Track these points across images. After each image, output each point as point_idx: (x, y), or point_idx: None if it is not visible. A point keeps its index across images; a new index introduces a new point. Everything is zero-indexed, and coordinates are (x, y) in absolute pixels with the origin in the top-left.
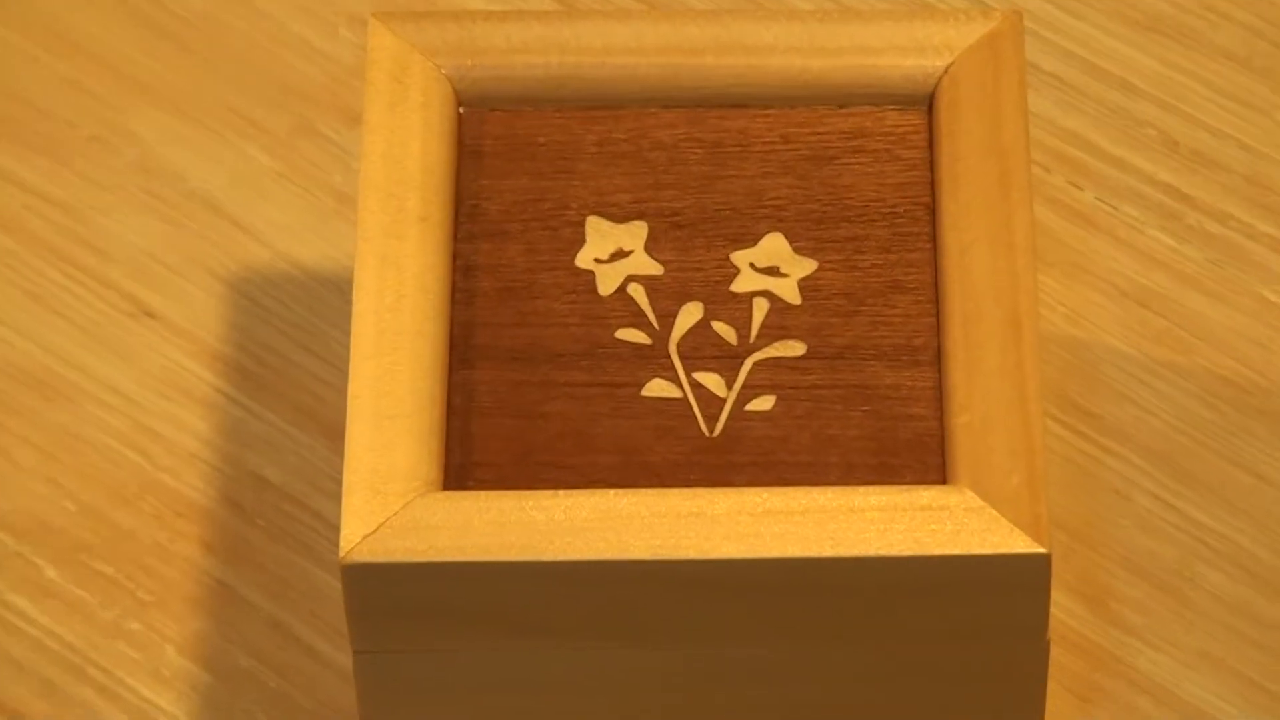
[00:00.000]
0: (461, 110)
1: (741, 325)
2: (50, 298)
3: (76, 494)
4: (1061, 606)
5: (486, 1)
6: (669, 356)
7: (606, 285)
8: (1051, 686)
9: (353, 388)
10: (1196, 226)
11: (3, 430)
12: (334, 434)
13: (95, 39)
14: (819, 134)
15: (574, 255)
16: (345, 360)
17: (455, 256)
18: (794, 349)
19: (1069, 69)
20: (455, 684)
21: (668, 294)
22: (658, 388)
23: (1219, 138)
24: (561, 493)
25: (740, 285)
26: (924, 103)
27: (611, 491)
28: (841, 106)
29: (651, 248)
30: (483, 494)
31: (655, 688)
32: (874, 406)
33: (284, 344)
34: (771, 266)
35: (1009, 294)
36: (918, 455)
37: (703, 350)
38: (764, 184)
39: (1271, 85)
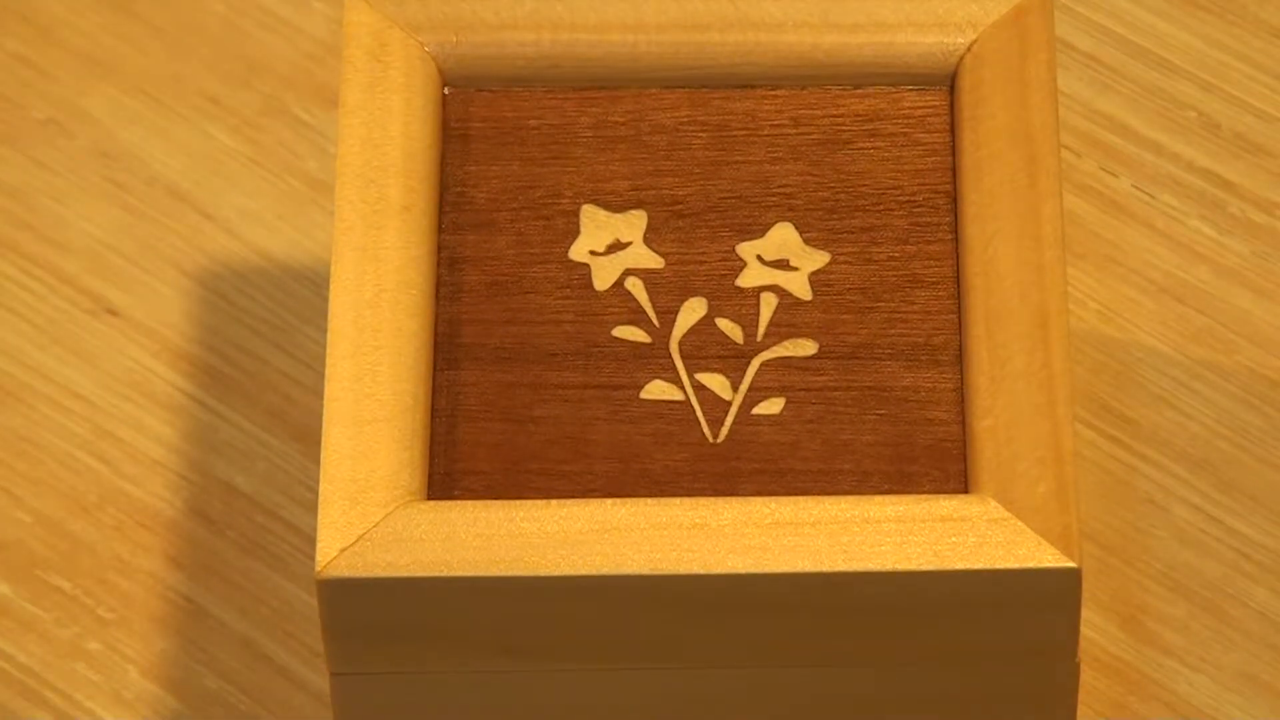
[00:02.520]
0: (446, 91)
1: (748, 323)
2: (2, 293)
3: (31, 504)
4: (1093, 625)
5: None
6: (670, 356)
7: (603, 279)
8: (1082, 711)
9: (329, 390)
10: (1240, 216)
11: None
12: (309, 439)
13: (47, 13)
14: (832, 116)
15: (568, 247)
16: (321, 360)
17: (440, 248)
18: (804, 348)
19: (1102, 46)
20: (440, 708)
21: (668, 289)
22: (658, 390)
23: (1265, 120)
24: (554, 503)
25: (747, 279)
26: (945, 83)
27: (608, 501)
28: (856, 87)
29: (651, 239)
30: (469, 504)
31: (652, 714)
32: (890, 410)
33: (255, 343)
34: (780, 259)
35: (1036, 289)
36: (937, 462)
37: (706, 350)
38: (772, 170)
39: None
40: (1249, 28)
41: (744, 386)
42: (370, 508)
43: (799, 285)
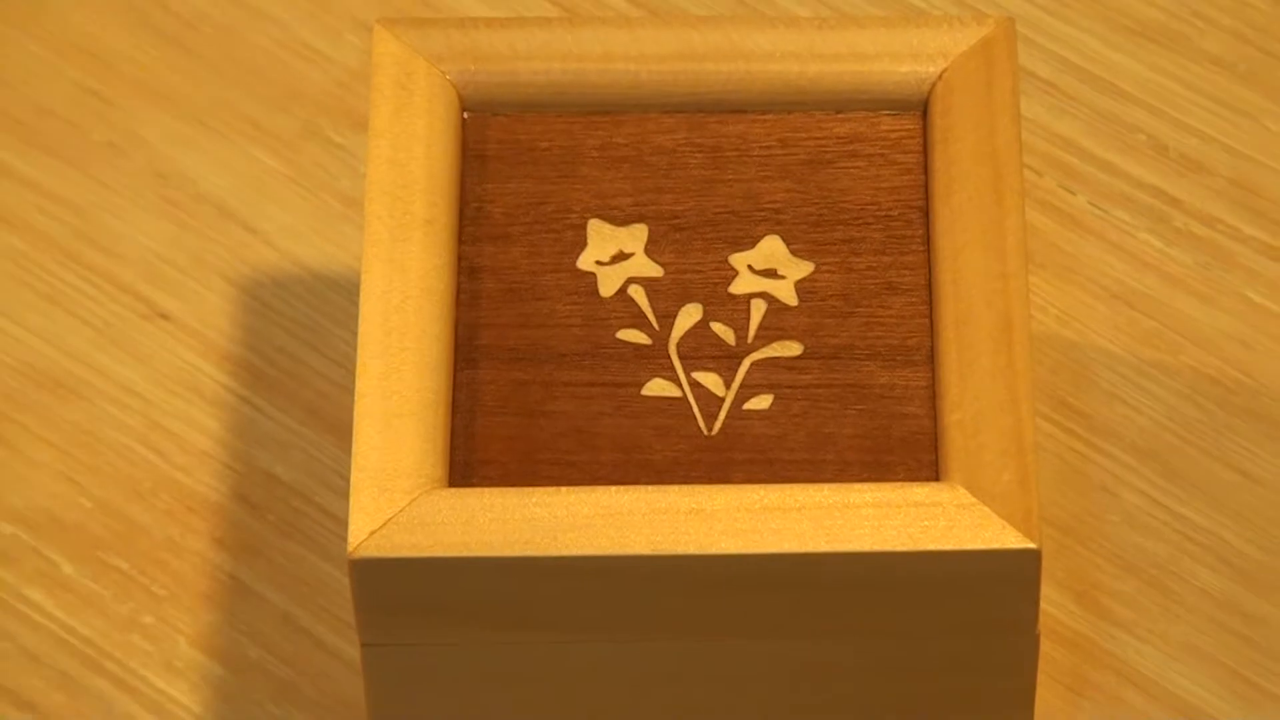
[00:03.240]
0: (465, 115)
1: (739, 326)
2: (65, 299)
3: (92, 491)
4: (1051, 601)
5: (490, 8)
6: (669, 357)
7: (608, 287)
8: (1041, 679)
9: (360, 387)
10: (1184, 230)
11: (20, 429)
12: (342, 432)
13: (108, 46)
14: (816, 139)
15: (576, 257)
16: (352, 360)
17: (460, 259)
18: (791, 349)
19: (1060, 75)
20: (460, 676)
21: (667, 295)
22: (658, 387)
23: (1207, 142)
24: (563, 490)
25: (738, 287)
26: (918, 108)
27: (612, 488)
28: (838, 112)
29: (652, 250)
30: (487, 491)
31: (655, 681)
32: (869, 405)
33: (293, 344)
34: (769, 269)
35: (1001, 296)
36: (911, 453)
37: (701, 350)
38: (762, 188)
39: (1257, 90)
40: (1192, 57)
41: (736, 384)
42: (397, 494)
43: (786, 292)
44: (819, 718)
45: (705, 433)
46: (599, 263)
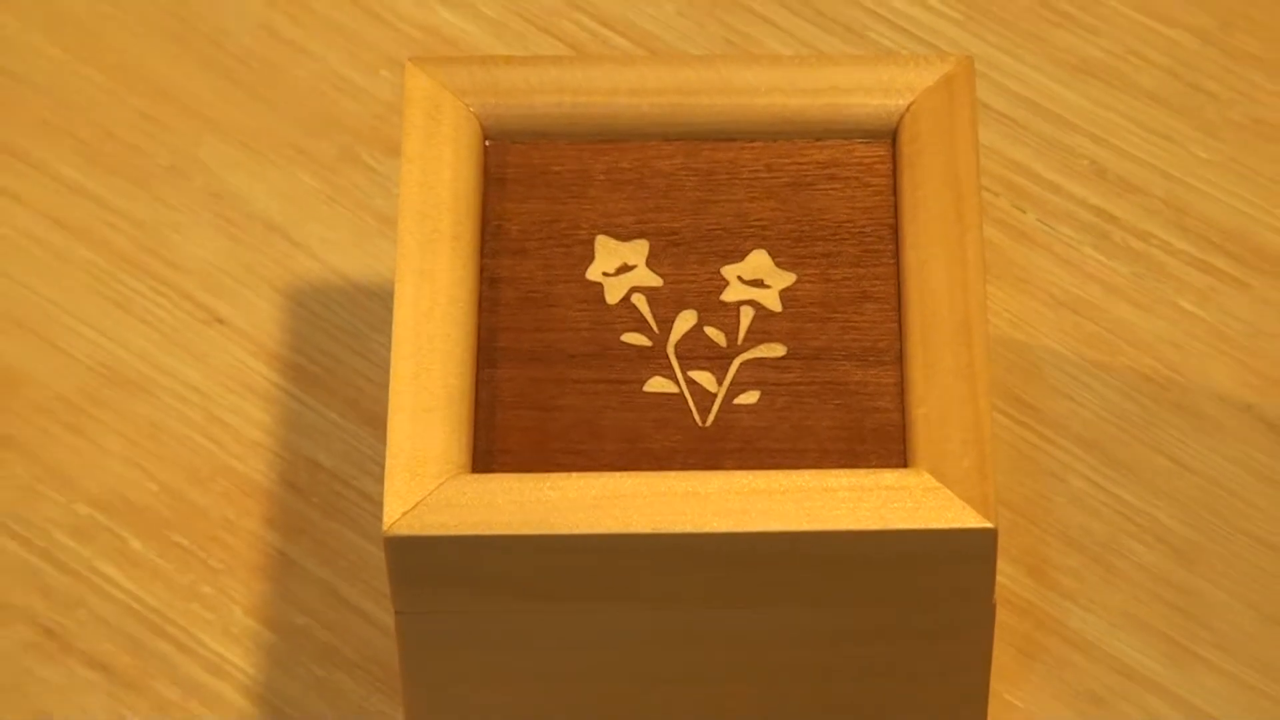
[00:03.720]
0: (487, 143)
1: (730, 330)
2: (133, 306)
3: (157, 476)
4: (1006, 574)
5: (508, 48)
6: (667, 357)
7: (613, 295)
8: (997, 643)
9: (393, 384)
10: (1122, 244)
11: (94, 422)
12: (377, 424)
13: (168, 79)
14: (797, 164)
15: (584, 269)
16: (387, 360)
17: (481, 270)
18: (775, 350)
19: (1013, 107)
20: (482, 640)
21: (666, 303)
22: (657, 384)
23: (1142, 166)
24: (573, 475)
25: (729, 295)
26: (888, 136)
27: (617, 474)
28: (817, 140)
29: (652, 263)
30: (505, 476)
31: (654, 643)
32: (844, 401)
33: (334, 346)
34: (756, 279)
35: (961, 303)
36: (882, 443)
37: (696, 352)
38: (750, 207)
39: (1187, 121)
40: (1130, 92)
41: (727, 382)
42: (426, 479)
43: (771, 300)
44: (800, 676)
45: (700, 425)
46: (605, 274)
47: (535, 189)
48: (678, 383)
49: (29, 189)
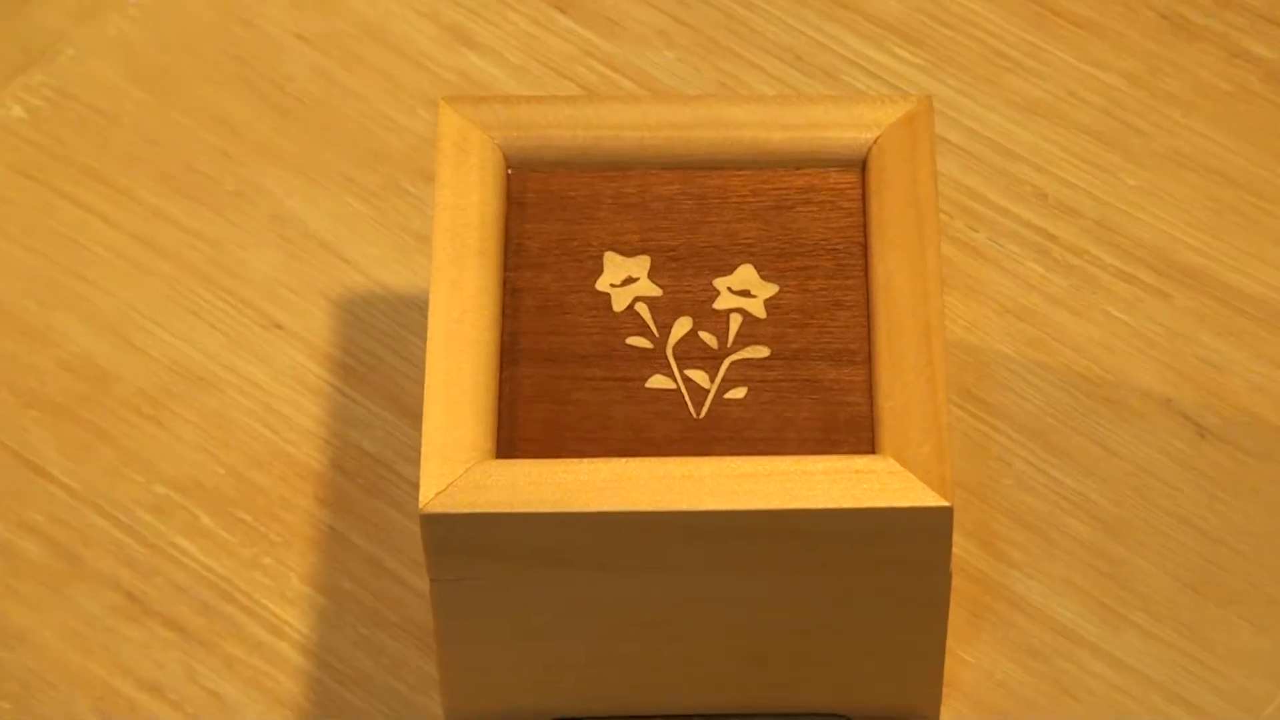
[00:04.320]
0: (509, 172)
1: (721, 334)
2: (205, 313)
3: (224, 461)
4: (959, 546)
5: (529, 89)
6: (666, 358)
7: (619, 304)
8: (952, 607)
9: (428, 381)
10: (1060, 260)
11: (171, 413)
12: (415, 415)
13: (236, 117)
14: (779, 189)
15: (594, 281)
16: (423, 360)
17: (504, 282)
18: (760, 352)
19: (967, 141)
20: (505, 603)
21: (665, 310)
22: (658, 381)
23: (1077, 191)
24: (585, 460)
25: (720, 304)
26: (858, 166)
27: (622, 459)
28: (796, 169)
29: (653, 275)
30: (525, 461)
31: (653, 606)
32: (821, 396)
33: (378, 348)
34: (744, 289)
35: (922, 310)
36: (853, 432)
37: (691, 353)
38: (738, 227)
39: (1117, 153)
40: (1068, 128)
41: (718, 379)
42: (457, 464)
43: (757, 308)
44: (782, 633)
45: (694, 417)
46: (612, 285)
47: (551, 211)
48: (675, 380)
49: (118, 212)
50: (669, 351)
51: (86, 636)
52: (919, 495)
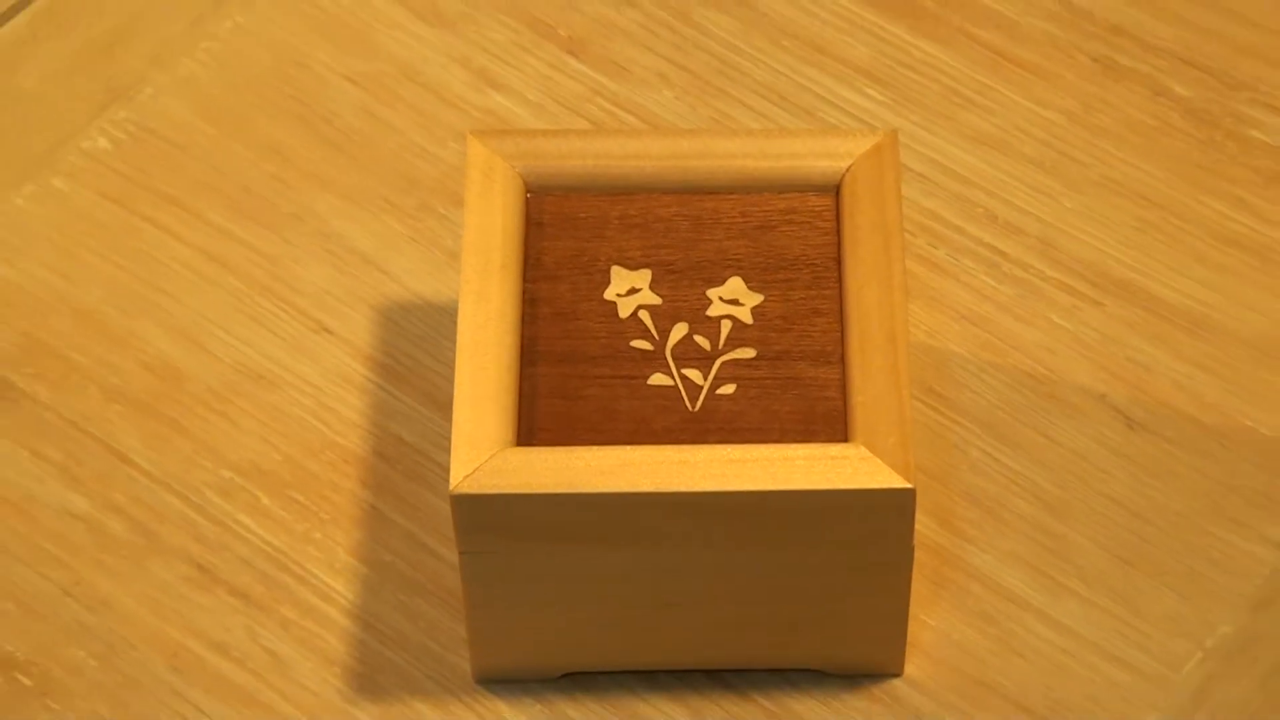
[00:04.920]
0: (528, 195)
1: (713, 337)
2: (265, 319)
3: (281, 448)
4: (922, 523)
5: (546, 124)
6: (665, 358)
7: (624, 311)
8: (914, 576)
9: (458, 379)
10: (1009, 273)
11: (235, 407)
12: (447, 409)
13: (290, 147)
14: (765, 211)
15: (603, 291)
16: (453, 361)
17: (524, 293)
18: (748, 353)
19: (929, 168)
20: (525, 573)
21: (665, 317)
22: (658, 379)
23: (1024, 214)
24: (594, 448)
25: (713, 311)
26: (833, 190)
27: (627, 447)
28: (780, 193)
29: (654, 286)
30: (543, 449)
31: (654, 576)
32: (801, 392)
33: (414, 350)
34: (733, 299)
35: (889, 318)
36: (829, 424)
37: (688, 354)
38: (729, 244)
39: (1058, 180)
40: (1015, 158)
41: (711, 377)
42: (482, 451)
43: (745, 314)
44: (766, 600)
45: (690, 410)
46: (618, 295)
47: (565, 230)
48: (674, 378)
49: (188, 231)
50: (668, 353)
51: (162, 603)
52: (886, 478)
